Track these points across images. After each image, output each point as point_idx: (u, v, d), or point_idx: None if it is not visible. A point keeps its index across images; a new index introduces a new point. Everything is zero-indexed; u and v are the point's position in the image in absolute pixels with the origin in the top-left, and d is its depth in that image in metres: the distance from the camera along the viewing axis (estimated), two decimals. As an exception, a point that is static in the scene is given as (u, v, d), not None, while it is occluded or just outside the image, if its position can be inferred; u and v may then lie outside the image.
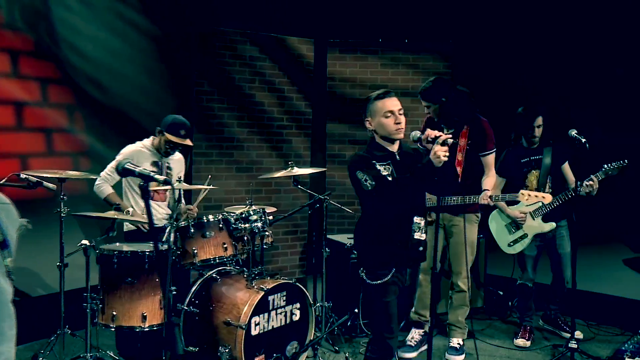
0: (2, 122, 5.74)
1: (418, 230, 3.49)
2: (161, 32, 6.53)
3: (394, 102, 3.49)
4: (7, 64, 5.75)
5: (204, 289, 4.42)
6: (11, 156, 5.89)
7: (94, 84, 6.31)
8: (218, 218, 4.41)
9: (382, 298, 3.47)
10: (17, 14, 5.73)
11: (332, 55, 6.86)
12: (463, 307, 4.95)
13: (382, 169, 3.42)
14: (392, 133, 3.46)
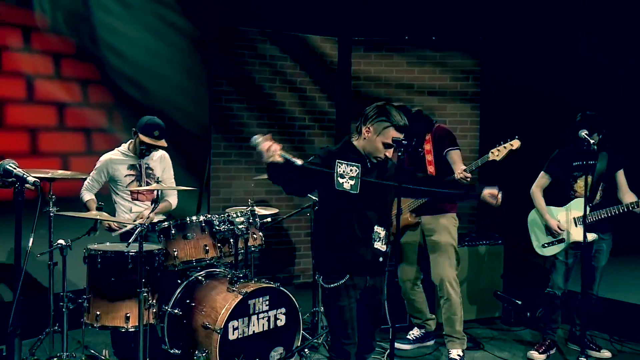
0: (45, 122, 5.96)
1: (378, 240, 3.38)
2: (200, 32, 6.58)
3: (399, 135, 3.38)
4: (50, 66, 5.97)
5: (188, 291, 4.40)
6: (53, 155, 6.12)
7: (132, 84, 6.45)
8: (200, 219, 4.38)
9: (336, 302, 3.36)
10: (61, 18, 5.94)
11: (356, 54, 6.72)
12: (454, 316, 4.73)
13: (348, 170, 3.32)
14: (375, 157, 3.39)
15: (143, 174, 4.89)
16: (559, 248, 4.86)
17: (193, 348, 4.19)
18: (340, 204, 3.32)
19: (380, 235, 3.39)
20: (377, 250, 3.39)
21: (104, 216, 4.11)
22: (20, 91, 5.86)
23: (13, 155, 5.62)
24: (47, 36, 5.90)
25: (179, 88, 6.54)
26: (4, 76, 5.74)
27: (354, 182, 3.33)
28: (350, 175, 3.31)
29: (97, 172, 4.87)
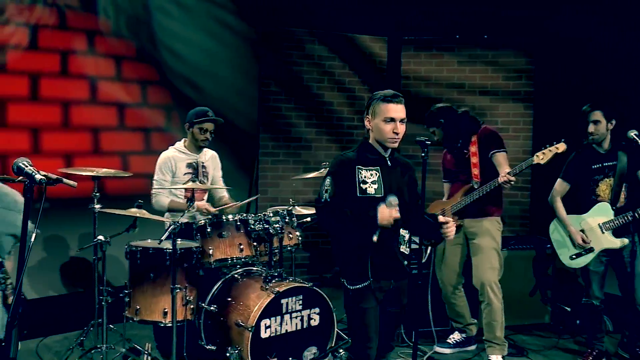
0: (106, 122, 6.24)
1: (403, 243, 3.32)
2: (255, 33, 6.69)
3: (399, 109, 3.28)
4: (112, 68, 6.25)
5: (225, 288, 4.48)
6: (113, 154, 6.39)
7: (190, 84, 6.65)
8: (235, 218, 4.44)
9: (359, 304, 3.31)
10: (122, 22, 6.20)
11: (406, 54, 6.66)
12: (495, 321, 4.62)
13: (368, 175, 3.27)
14: (386, 140, 3.28)
15: (200, 172, 4.99)
16: (588, 258, 4.65)
17: (227, 345, 4.26)
18: (364, 208, 3.23)
19: (405, 238, 3.34)
20: (402, 254, 3.34)
21: (143, 214, 4.23)
22: (84, 93, 6.14)
23: (76, 154, 6.04)
24: (110, 40, 6.16)
25: (234, 88, 6.67)
26: (69, 78, 6.03)
27: (377, 186, 3.29)
28: (372, 179, 3.27)
29: (161, 171, 4.90)
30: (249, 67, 6.71)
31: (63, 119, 6.05)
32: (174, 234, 4.00)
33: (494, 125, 6.23)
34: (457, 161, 4.87)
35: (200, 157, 5.02)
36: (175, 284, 4.06)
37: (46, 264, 5.63)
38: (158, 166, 4.91)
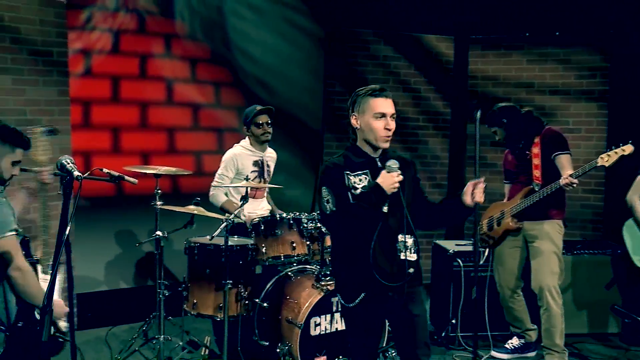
0: (181, 122, 6.54)
1: (404, 250, 3.06)
2: (324, 33, 6.78)
3: (389, 103, 3.06)
4: (186, 70, 6.54)
5: (279, 285, 4.58)
6: (187, 153, 6.68)
7: (262, 86, 6.85)
8: (288, 217, 4.52)
9: (355, 322, 3.14)
10: (198, 25, 6.48)
11: (473, 53, 6.55)
12: (554, 328, 4.48)
13: (357, 180, 3.04)
14: (377, 139, 3.06)
15: (265, 170, 5.13)
16: None
17: (278, 341, 4.36)
18: (356, 216, 3.01)
19: (407, 244, 3.07)
20: (405, 261, 3.07)
21: (200, 211, 4.40)
22: (160, 94, 6.44)
23: (153, 153, 6.33)
24: (185, 43, 6.44)
25: (304, 88, 6.79)
26: (147, 80, 6.35)
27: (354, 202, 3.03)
28: (362, 184, 3.04)
29: (225, 167, 5.00)
30: (319, 68, 6.81)
31: (141, 119, 6.37)
32: (226, 230, 4.13)
33: (565, 126, 6.06)
34: (519, 162, 4.76)
35: (264, 155, 5.14)
36: (227, 279, 4.19)
37: (119, 258, 5.95)
38: (223, 162, 5.04)
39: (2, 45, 4.93)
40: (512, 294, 4.84)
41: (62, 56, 5.24)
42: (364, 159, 3.12)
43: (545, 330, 4.56)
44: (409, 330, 3.14)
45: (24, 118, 5.04)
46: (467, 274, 5.11)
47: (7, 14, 4.95)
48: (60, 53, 5.22)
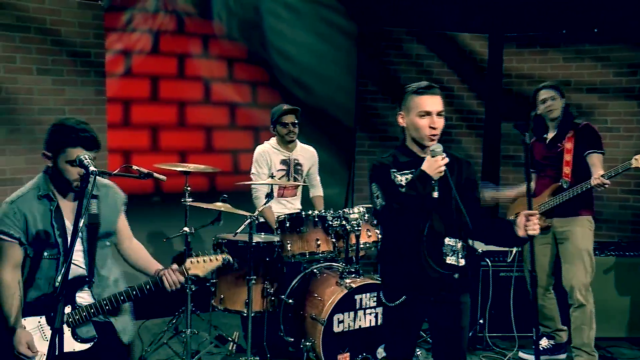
0: (218, 121, 6.68)
1: (451, 254, 2.98)
2: (365, 34, 6.79)
3: (435, 101, 2.97)
4: (224, 70, 6.68)
5: (304, 282, 4.63)
6: (224, 152, 6.82)
7: (298, 85, 6.93)
8: (313, 214, 4.56)
9: (394, 322, 3.11)
10: (235, 26, 6.61)
11: (508, 51, 6.46)
12: (584, 326, 4.40)
13: (403, 179, 2.98)
14: (423, 138, 2.97)
15: (292, 169, 5.19)
16: None
17: (302, 337, 4.42)
18: (403, 216, 2.96)
19: (455, 248, 2.99)
20: (450, 266, 2.98)
21: (227, 208, 4.48)
22: (198, 93, 6.59)
23: (191, 151, 6.49)
24: (223, 43, 6.57)
25: (340, 87, 6.83)
26: (185, 80, 6.50)
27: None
28: None
29: (258, 164, 5.09)
30: (353, 66, 6.85)
31: (179, 118, 6.53)
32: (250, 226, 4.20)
33: (603, 125, 5.92)
34: (548, 154, 4.65)
35: (293, 154, 5.20)
36: (252, 275, 4.26)
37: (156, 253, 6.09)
38: (255, 159, 5.13)
39: (43, 47, 5.13)
40: (543, 292, 4.75)
41: (99, 57, 5.41)
42: (411, 158, 3.05)
43: (575, 329, 4.48)
44: (450, 341, 3.07)
45: (63, 117, 5.22)
46: (496, 274, 5.06)
47: (49, 17, 5.15)
48: (97, 54, 5.39)
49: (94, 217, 2.99)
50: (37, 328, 2.90)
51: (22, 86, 5.03)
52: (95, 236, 3.01)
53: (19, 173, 5.04)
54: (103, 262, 3.07)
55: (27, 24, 5.04)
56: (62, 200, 2.96)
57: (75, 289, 2.96)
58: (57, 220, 2.92)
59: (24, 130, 5.06)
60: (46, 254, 2.92)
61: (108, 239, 3.12)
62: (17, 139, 5.02)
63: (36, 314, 2.91)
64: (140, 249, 3.26)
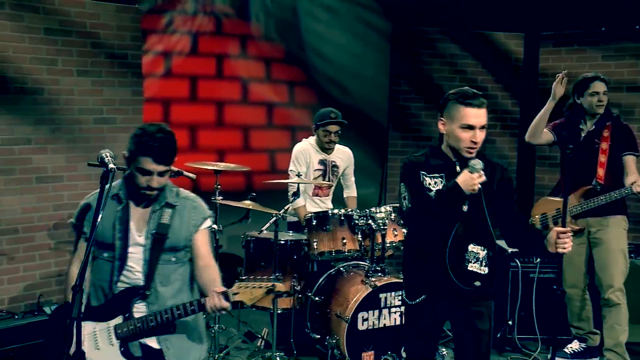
0: (256, 121, 6.82)
1: (474, 261, 2.95)
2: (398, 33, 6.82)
3: (480, 114, 2.87)
4: (261, 70, 6.83)
5: (331, 280, 4.69)
6: (261, 151, 6.95)
7: (335, 84, 7.02)
8: (339, 213, 4.61)
9: (414, 320, 3.11)
10: (272, 26, 6.74)
11: (544, 50, 6.37)
12: (617, 325, 4.34)
13: (432, 182, 2.95)
14: (461, 150, 2.91)
15: (329, 170, 5.25)
16: None
17: (327, 334, 4.48)
18: (434, 214, 2.94)
19: (478, 256, 2.95)
20: (472, 273, 2.96)
21: (256, 206, 4.57)
22: (236, 93, 6.74)
23: (228, 150, 6.62)
24: (260, 43, 6.71)
25: (376, 87, 6.86)
26: (224, 80, 6.66)
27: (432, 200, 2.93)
28: (436, 188, 2.94)
29: (297, 161, 5.15)
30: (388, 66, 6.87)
31: (217, 118, 6.68)
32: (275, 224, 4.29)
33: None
34: (583, 156, 4.49)
35: (331, 156, 5.26)
36: (277, 272, 4.34)
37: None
38: (294, 156, 5.19)
39: (83, 49, 5.32)
40: (578, 292, 4.66)
41: (136, 58, 5.58)
42: (443, 161, 3.00)
43: (608, 329, 4.42)
44: (472, 345, 3.06)
45: (101, 116, 5.43)
46: (525, 275, 5.01)
47: (89, 21, 5.34)
48: (134, 55, 5.56)
49: (163, 227, 2.87)
50: (92, 334, 2.84)
51: (64, 87, 5.23)
52: (160, 247, 2.87)
53: (59, 171, 5.25)
54: (165, 279, 2.90)
55: (69, 28, 5.23)
56: (134, 206, 2.90)
57: (130, 298, 2.86)
58: (121, 223, 2.87)
59: (64, 129, 5.25)
60: (105, 254, 2.88)
61: (174, 255, 2.93)
62: (58, 138, 5.22)
63: (94, 320, 2.85)
64: (207, 270, 2.97)
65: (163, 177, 2.82)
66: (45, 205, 5.20)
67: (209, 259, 2.99)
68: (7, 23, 4.95)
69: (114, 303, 2.87)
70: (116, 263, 2.86)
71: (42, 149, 5.17)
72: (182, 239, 2.92)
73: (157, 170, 2.77)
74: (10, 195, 5.04)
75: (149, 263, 2.86)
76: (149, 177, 2.77)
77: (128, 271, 2.87)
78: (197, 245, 2.96)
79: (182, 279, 2.97)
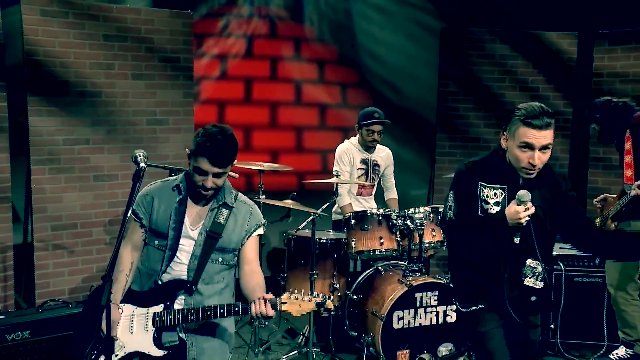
0: (309, 122, 6.98)
1: (531, 276, 2.84)
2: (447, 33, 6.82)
3: (543, 135, 2.70)
4: (315, 72, 6.99)
5: (369, 279, 4.76)
6: (314, 152, 7.10)
7: (388, 86, 7.11)
8: (378, 212, 4.67)
9: (475, 327, 2.93)
10: (326, 28, 6.88)
11: (599, 49, 6.20)
12: None
13: (491, 194, 2.81)
14: (519, 170, 2.76)
15: (370, 169, 5.34)
16: None
17: (364, 332, 4.55)
18: (484, 229, 2.81)
19: (536, 271, 2.84)
20: (528, 288, 2.85)
21: (296, 205, 4.69)
22: (289, 95, 6.91)
23: (281, 151, 6.78)
24: (313, 45, 6.86)
25: (429, 87, 6.87)
26: (277, 82, 6.83)
27: (499, 208, 2.80)
28: (495, 200, 2.80)
29: (341, 160, 5.25)
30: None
31: (271, 119, 6.85)
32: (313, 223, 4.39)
33: None
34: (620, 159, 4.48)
35: (372, 155, 5.33)
36: (313, 270, 4.44)
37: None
38: (338, 156, 5.30)
39: (138, 54, 5.58)
40: (625, 296, 4.55)
41: (187, 62, 5.80)
42: (506, 172, 2.83)
43: None
44: (523, 355, 2.98)
45: (154, 118, 5.67)
46: (569, 279, 4.92)
47: (144, 26, 5.60)
48: (186, 59, 5.78)
49: (218, 226, 2.92)
50: (129, 317, 2.91)
51: (119, 90, 5.50)
52: (211, 245, 2.92)
53: (114, 170, 5.53)
54: (208, 277, 2.95)
55: (125, 34, 5.50)
56: (191, 201, 2.97)
57: (176, 289, 2.92)
58: (177, 214, 2.93)
59: (120, 130, 5.52)
60: (156, 242, 2.94)
61: (222, 255, 2.97)
62: (113, 138, 5.49)
63: (135, 304, 2.92)
64: (254, 276, 2.98)
65: (219, 179, 2.86)
66: (101, 203, 5.48)
67: (256, 264, 3.01)
68: (69, 31, 5.26)
69: (159, 291, 2.93)
70: (167, 252, 2.92)
71: (99, 149, 5.46)
72: (233, 242, 2.97)
73: (212, 172, 2.80)
74: (70, 192, 5.35)
75: (199, 259, 2.91)
76: (205, 177, 2.81)
77: (176, 263, 2.92)
78: (245, 249, 3.00)
79: (224, 281, 3.02)
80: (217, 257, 2.95)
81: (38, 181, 5.18)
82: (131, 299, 2.91)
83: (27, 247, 5.32)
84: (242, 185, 6.51)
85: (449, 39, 6.49)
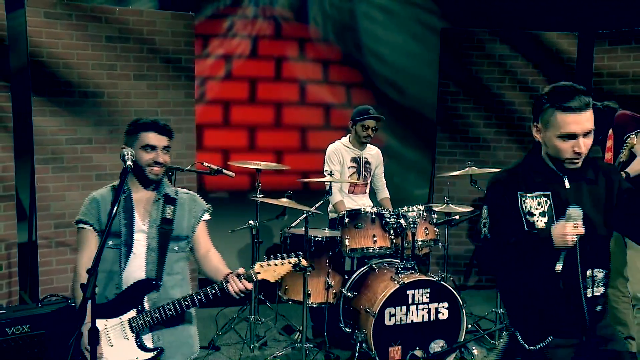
0: (313, 122, 7.05)
1: (591, 286, 2.48)
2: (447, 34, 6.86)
3: (584, 119, 2.35)
4: (319, 72, 7.06)
5: (364, 276, 4.81)
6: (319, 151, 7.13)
7: (392, 86, 7.16)
8: (371, 211, 4.72)
9: None
10: (330, 29, 6.95)
11: (599, 49, 6.20)
12: None
13: (535, 203, 2.46)
14: (564, 161, 2.42)
15: (362, 167, 5.41)
16: None
17: (357, 329, 4.61)
18: (535, 247, 2.41)
19: (597, 278, 2.49)
20: (593, 299, 2.49)
21: (292, 204, 4.75)
22: (294, 95, 6.98)
23: (286, 150, 6.86)
24: (318, 45, 6.92)
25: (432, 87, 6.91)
26: (282, 82, 6.91)
27: (547, 219, 2.45)
28: (540, 210, 2.47)
29: (330, 161, 5.35)
30: (438, 66, 6.91)
31: (275, 119, 6.92)
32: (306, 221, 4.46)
33: None
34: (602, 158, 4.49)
35: (363, 153, 5.39)
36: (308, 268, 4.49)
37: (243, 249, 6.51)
38: (327, 157, 5.40)
39: (140, 54, 5.68)
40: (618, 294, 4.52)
41: (189, 62, 5.89)
42: (546, 175, 2.50)
43: None
44: None
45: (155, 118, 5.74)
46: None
47: (146, 28, 5.70)
48: (187, 60, 5.87)
49: (166, 220, 3.01)
50: (104, 332, 2.88)
51: (121, 90, 5.60)
52: (167, 236, 2.99)
53: (116, 169, 5.56)
54: (169, 267, 3.01)
55: (127, 35, 5.60)
56: (137, 192, 3.03)
57: (142, 290, 2.93)
58: (126, 210, 2.96)
59: (122, 130, 5.48)
60: (110, 242, 2.93)
61: (177, 244, 3.04)
62: (116, 138, 5.58)
63: (104, 317, 2.89)
64: (213, 258, 3.09)
65: (167, 154, 3.00)
66: (103, 201, 5.57)
67: (209, 244, 3.14)
68: (73, 33, 5.38)
69: (125, 297, 2.93)
70: (123, 249, 2.95)
71: (102, 149, 5.56)
72: (184, 229, 3.07)
73: (161, 145, 2.96)
74: (73, 191, 5.45)
75: (156, 251, 2.97)
76: (154, 152, 2.95)
77: (133, 259, 2.95)
78: (198, 236, 3.12)
79: (182, 273, 3.09)
80: (173, 246, 3.03)
81: (42, 180, 5.30)
82: (98, 313, 2.74)
83: (31, 244, 5.44)
84: (246, 184, 6.58)
85: (449, 39, 6.53)
